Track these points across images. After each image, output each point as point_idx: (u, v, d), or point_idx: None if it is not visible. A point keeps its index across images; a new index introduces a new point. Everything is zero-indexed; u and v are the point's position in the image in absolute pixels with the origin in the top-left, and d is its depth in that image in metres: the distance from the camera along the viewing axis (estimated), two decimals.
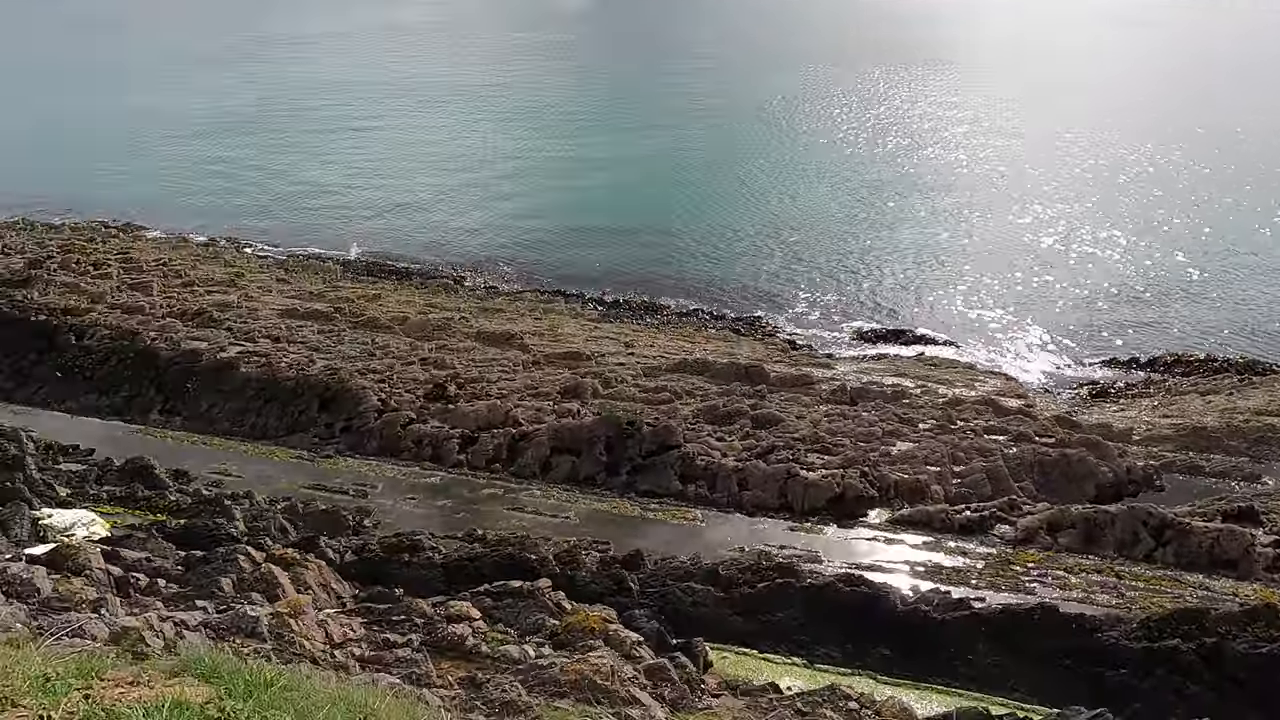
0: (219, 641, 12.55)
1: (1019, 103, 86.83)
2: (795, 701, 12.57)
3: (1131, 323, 45.78)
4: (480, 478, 27.56)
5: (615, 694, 11.91)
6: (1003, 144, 74.15)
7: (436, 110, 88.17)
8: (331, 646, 13.25)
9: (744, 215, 59.69)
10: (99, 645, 11.29)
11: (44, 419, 30.69)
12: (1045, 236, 55.93)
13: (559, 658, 12.99)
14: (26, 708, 5.38)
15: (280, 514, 24.29)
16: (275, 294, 44.29)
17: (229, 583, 15.62)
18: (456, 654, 13.42)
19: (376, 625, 14.79)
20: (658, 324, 45.07)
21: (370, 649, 13.26)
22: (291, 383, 30.35)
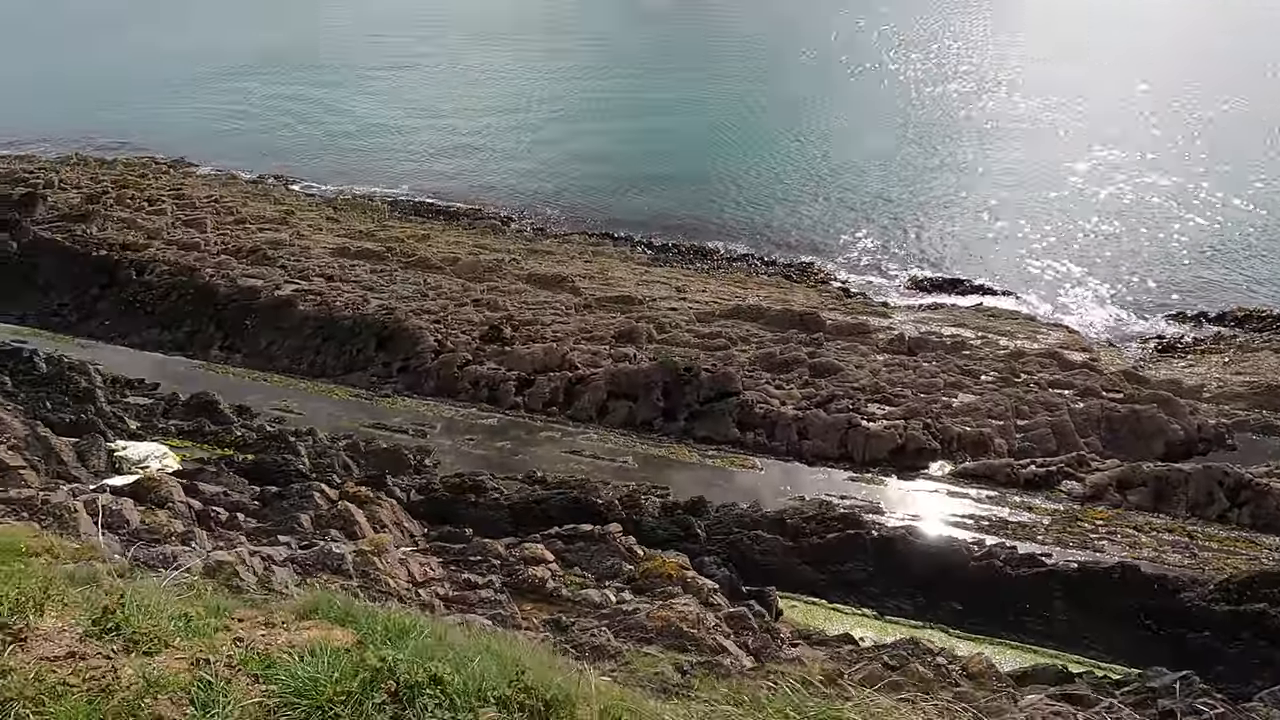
0: (305, 577, 12.68)
1: (1080, 49, 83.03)
2: (881, 654, 12.41)
3: (1197, 276, 44.12)
4: (537, 420, 27.57)
5: (702, 641, 11.85)
6: (1061, 89, 71.08)
7: (490, 48, 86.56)
8: (415, 585, 13.35)
9: (794, 161, 58.25)
10: (195, 578, 11.45)
11: (107, 352, 31.24)
12: (1105, 186, 53.82)
13: (641, 603, 12.96)
14: (180, 649, 5.29)
15: (343, 451, 24.58)
16: (326, 232, 44.29)
17: (308, 519, 15.79)
18: (537, 596, 13.46)
19: (454, 565, 14.88)
20: (708, 269, 44.37)
21: (453, 589, 13.33)
22: (349, 322, 30.42)
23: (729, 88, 73.38)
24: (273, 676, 4.94)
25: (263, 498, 17.56)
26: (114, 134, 63.56)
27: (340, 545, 13.47)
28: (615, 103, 69.51)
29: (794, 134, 62.87)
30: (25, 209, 40.30)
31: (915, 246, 47.70)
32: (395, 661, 4.92)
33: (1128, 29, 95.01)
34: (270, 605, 6.98)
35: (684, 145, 61.08)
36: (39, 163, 54.30)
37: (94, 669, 4.83)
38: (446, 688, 4.85)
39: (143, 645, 5.32)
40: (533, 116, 66.30)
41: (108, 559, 11.51)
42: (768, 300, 37.63)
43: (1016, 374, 30.42)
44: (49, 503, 14.43)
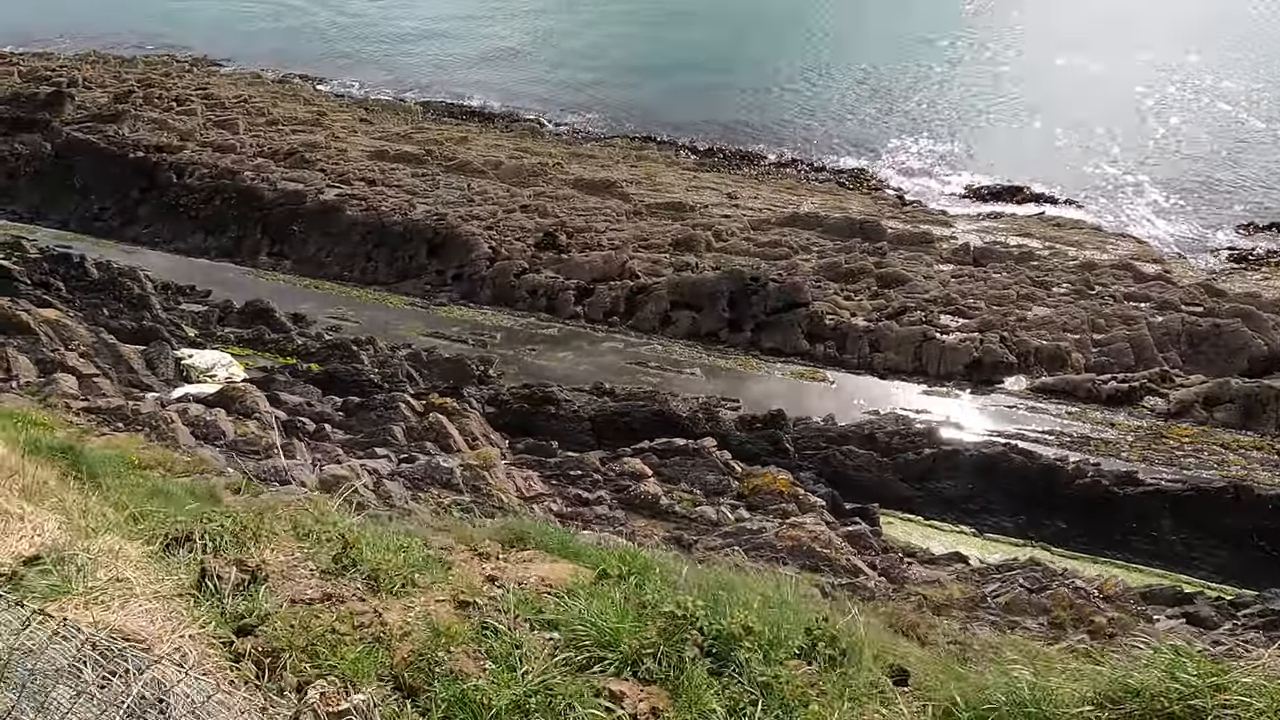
0: (415, 492, 12.25)
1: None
2: (1016, 577, 11.97)
3: (1265, 181, 42.17)
4: (598, 330, 26.91)
5: (835, 561, 11.42)
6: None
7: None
8: (525, 500, 12.93)
9: (840, 62, 55.48)
10: (313, 493, 11.01)
11: (153, 258, 30.55)
12: (1165, 85, 51.07)
13: (762, 521, 12.51)
14: (429, 589, 4.72)
15: (405, 361, 24.06)
16: (361, 134, 42.77)
17: (399, 430, 15.32)
18: (651, 512, 13.04)
19: (554, 479, 14.45)
20: (756, 175, 42.75)
21: (565, 505, 12.91)
22: (400, 228, 29.48)
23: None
24: (554, 623, 4.36)
25: (346, 408, 17.11)
26: (131, 31, 61.15)
27: (447, 459, 13.02)
28: (652, 4, 66.02)
29: (841, 34, 59.69)
30: (54, 108, 38.95)
31: (969, 152, 45.72)
32: (694, 608, 4.31)
33: None
34: (469, 532, 6.43)
35: (725, 49, 58.24)
36: (58, 60, 52.43)
37: (358, 614, 4.25)
38: (759, 639, 4.25)
39: (386, 584, 4.74)
40: (566, 21, 63.00)
41: (221, 472, 11.06)
42: (824, 208, 36.27)
43: (1091, 286, 29.32)
44: (140, 412, 13.99)
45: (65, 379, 15.35)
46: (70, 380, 15.43)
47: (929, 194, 41.64)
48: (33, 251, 28.19)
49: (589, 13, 64.95)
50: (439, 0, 68.46)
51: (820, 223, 34.12)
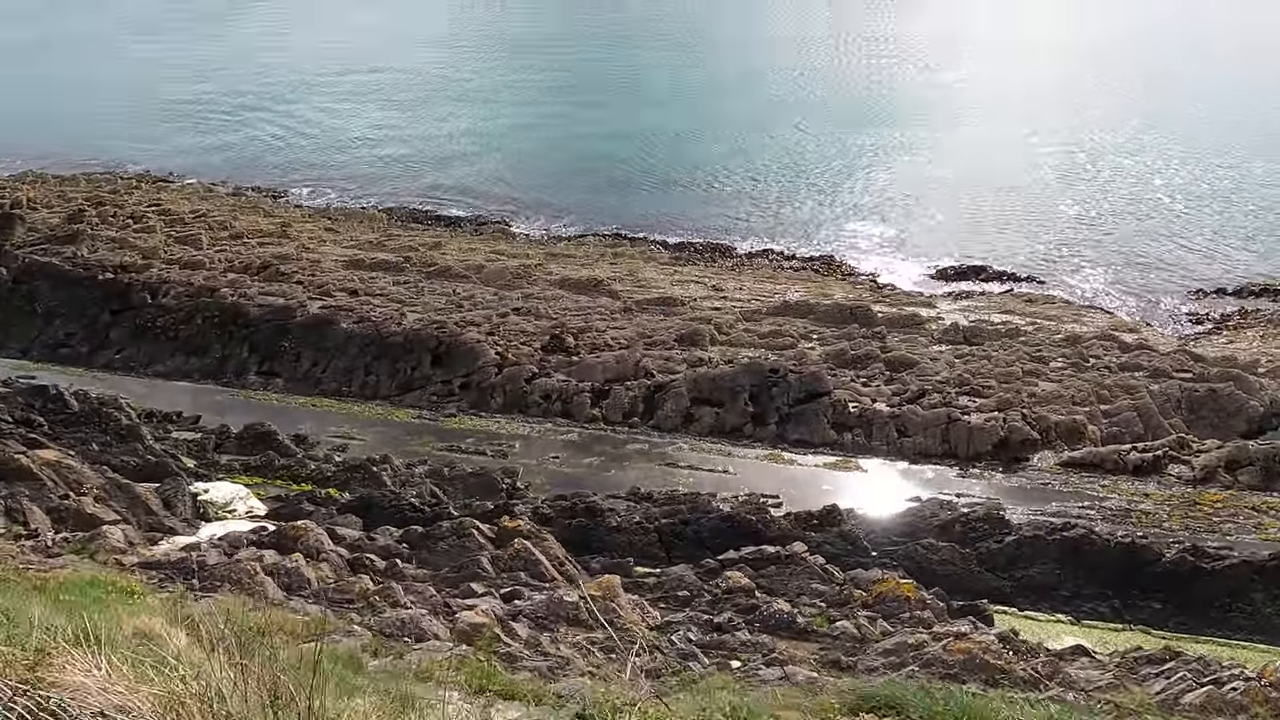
0: (541, 631, 11.23)
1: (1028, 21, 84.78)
2: (1180, 669, 11.54)
3: (1200, 251, 45.01)
4: (619, 432, 26.19)
5: (1011, 672, 10.79)
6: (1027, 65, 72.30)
7: (459, 56, 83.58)
8: (657, 631, 11.97)
9: (789, 156, 57.63)
10: (455, 646, 9.93)
11: (131, 384, 28.65)
12: (1100, 168, 54.68)
13: (920, 635, 11.82)
14: None
15: (428, 479, 22.80)
16: (331, 244, 41.91)
17: (486, 560, 14.20)
18: (790, 634, 12.22)
19: (663, 603, 13.53)
20: (733, 266, 43.43)
21: (700, 632, 11.99)
22: (399, 338, 28.50)
23: (714, 81, 72.60)
24: None
25: (408, 539, 15.82)
26: (61, 150, 59.33)
27: (569, 592, 11.99)
28: (597, 105, 67.95)
29: (783, 128, 62.33)
30: (3, 232, 36.99)
31: (927, 234, 47.54)
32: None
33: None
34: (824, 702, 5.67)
35: (676, 143, 60.04)
36: None
37: None
38: None
39: None
40: (500, 123, 64.03)
41: (349, 631, 9.89)
42: (809, 295, 36.85)
43: (1085, 358, 30.22)
44: (207, 563, 12.59)
45: (112, 532, 13.74)
46: (117, 533, 13.83)
47: (899, 276, 42.91)
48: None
49: (514, 114, 66.06)
50: (373, 107, 68.89)
51: (811, 310, 34.57)
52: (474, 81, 73.45)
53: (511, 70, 75.63)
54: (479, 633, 10.09)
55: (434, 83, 73.52)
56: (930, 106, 64.83)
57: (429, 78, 74.91)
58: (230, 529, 18.09)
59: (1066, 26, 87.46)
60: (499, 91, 70.30)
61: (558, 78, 73.39)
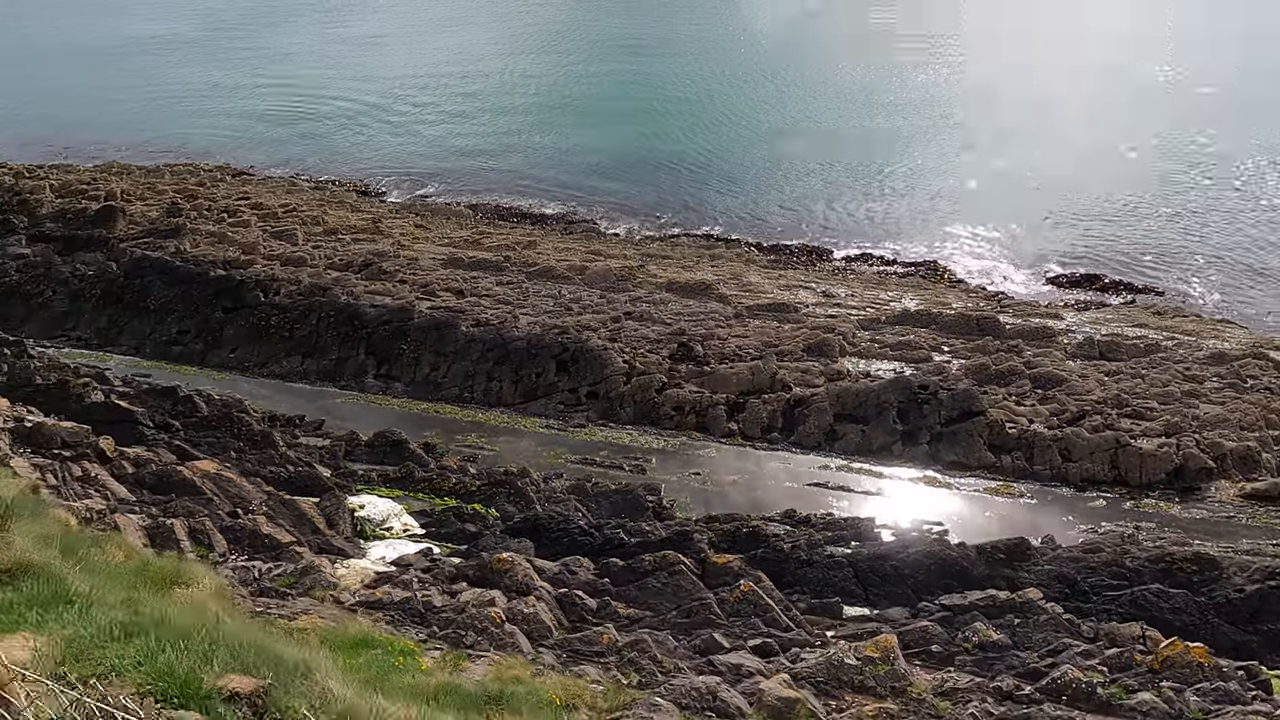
0: (826, 698, 9.99)
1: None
2: None
3: None
4: (759, 447, 24.93)
5: None
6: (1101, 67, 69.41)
7: (543, 58, 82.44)
8: (941, 695, 10.69)
9: (877, 156, 55.69)
10: None
11: (247, 385, 27.97)
12: (1192, 169, 52.13)
13: (1226, 707, 10.43)
14: None
15: (572, 496, 21.72)
16: (425, 241, 41.12)
17: (715, 602, 13.00)
18: (1090, 706, 10.86)
19: (919, 659, 12.23)
20: (833, 270, 41.97)
21: (993, 700, 10.69)
22: (522, 343, 27.48)
23: (797, 81, 70.91)
24: None
25: (607, 573, 14.70)
26: (140, 141, 59.56)
27: (843, 652, 10.76)
28: (679, 104, 66.53)
29: (869, 127, 60.46)
30: (106, 225, 36.64)
31: (1028, 241, 45.53)
32: None
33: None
34: None
35: (759, 142, 58.48)
36: (82, 172, 50.21)
37: None
38: None
39: None
40: (596, 121, 62.70)
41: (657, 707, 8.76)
42: (926, 304, 35.28)
43: (1242, 378, 28.36)
44: (435, 607, 11.56)
45: (323, 564, 12.77)
46: (324, 563, 12.86)
47: (1010, 284, 41.13)
48: (117, 382, 25.48)
49: (596, 113, 64.75)
50: (455, 105, 68.08)
51: (934, 320, 33.02)
52: (557, 82, 72.43)
53: (594, 72, 74.41)
54: (792, 710, 8.90)
55: (516, 83, 72.53)
56: (1024, 106, 62.48)
57: (510, 78, 74.01)
58: (396, 549, 17.16)
59: (1169, 21, 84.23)
60: (582, 92, 69.19)
61: (639, 78, 72.16)
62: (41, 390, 21.17)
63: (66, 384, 21.24)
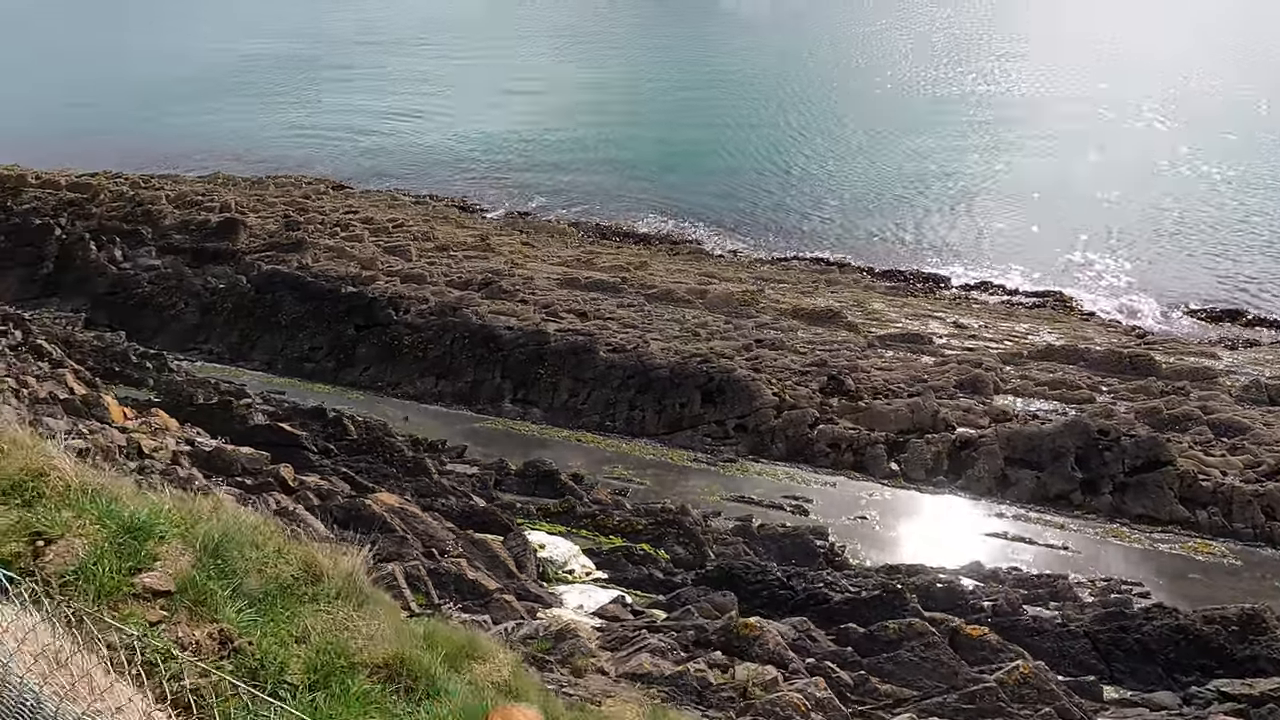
0: None
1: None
2: None
3: None
4: (924, 490, 23.52)
5: None
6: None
7: (642, 75, 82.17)
8: None
9: (991, 178, 53.84)
10: None
11: (382, 406, 27.44)
12: None
13: None
14: None
15: (741, 540, 20.57)
16: (536, 260, 40.55)
17: (996, 685, 11.70)
18: None
19: None
20: (954, 299, 40.30)
21: None
22: (664, 371, 26.49)
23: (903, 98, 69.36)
24: None
25: (847, 639, 13.50)
26: (240, 152, 60.50)
27: None
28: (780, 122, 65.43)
29: (979, 147, 58.58)
30: (229, 237, 36.76)
31: (1157, 270, 43.30)
32: None
33: None
34: None
35: (863, 160, 57.02)
36: (189, 182, 50.95)
37: None
38: None
39: None
40: (695, 137, 61.91)
41: None
42: (1067, 338, 33.50)
43: None
44: (711, 684, 10.46)
45: (579, 629, 11.75)
46: (586, 629, 11.88)
47: (1145, 319, 39.04)
48: (256, 399, 25.12)
49: (696, 130, 63.91)
50: (551, 121, 67.89)
51: (1080, 356, 31.25)
52: (650, 97, 71.96)
53: (694, 88, 73.69)
54: None
55: (608, 99, 72.14)
56: (1142, 130, 60.05)
57: (602, 94, 73.70)
58: (591, 596, 16.19)
59: None
60: (675, 108, 68.52)
61: (740, 94, 71.26)
62: (204, 410, 20.74)
63: (229, 404, 20.81)
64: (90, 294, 31.98)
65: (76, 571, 5.74)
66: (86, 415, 18.68)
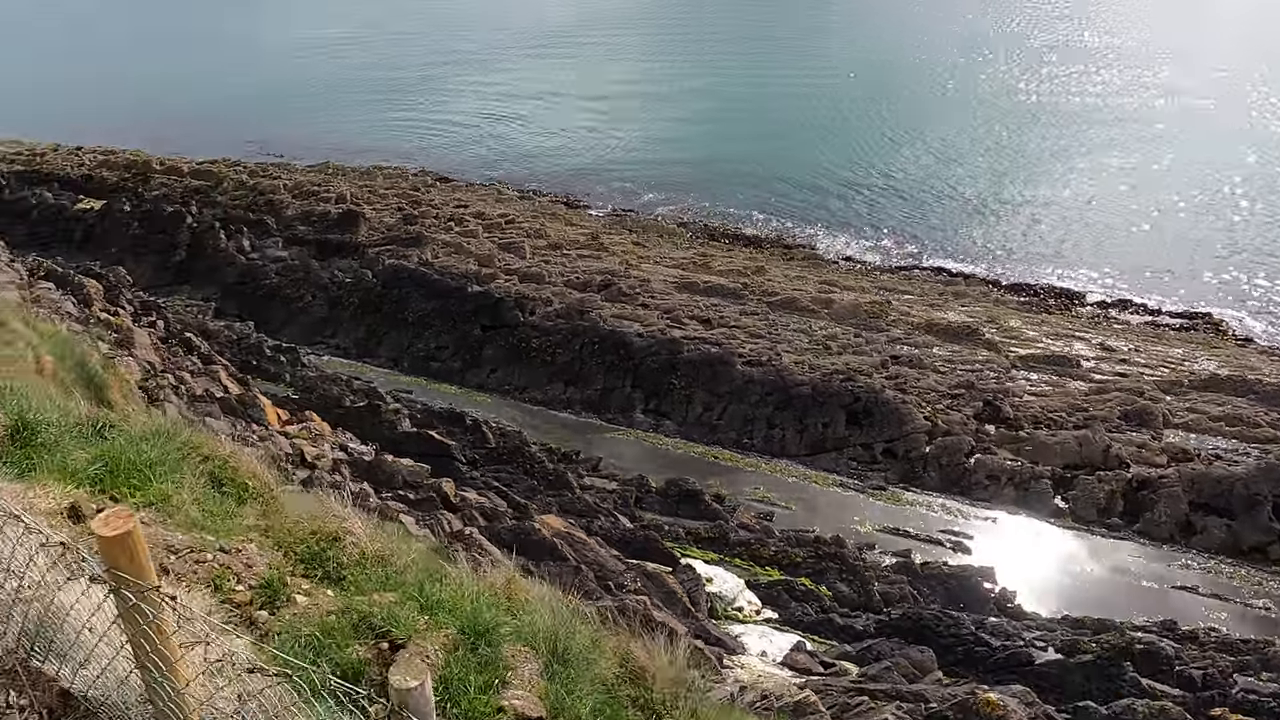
0: None
1: None
2: None
3: None
4: (1095, 533, 21.71)
5: None
6: None
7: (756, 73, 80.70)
8: None
9: (1125, 188, 50.71)
10: None
11: (510, 410, 26.85)
12: None
13: None
14: None
15: (905, 578, 19.19)
16: (650, 262, 39.58)
17: None
18: None
19: None
20: (1092, 318, 37.84)
21: None
22: (806, 389, 25.19)
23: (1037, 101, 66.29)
24: None
25: (1082, 711, 12.11)
26: (344, 141, 61.06)
27: None
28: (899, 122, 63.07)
29: (1117, 155, 55.25)
30: (350, 229, 36.77)
31: None
32: None
33: None
34: None
35: (985, 164, 54.42)
36: (300, 171, 51.54)
37: None
38: None
39: None
40: (806, 138, 60.03)
41: None
42: (1230, 367, 30.94)
43: None
44: None
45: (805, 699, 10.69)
46: (753, 661, 10.82)
47: None
48: (388, 399, 24.70)
49: (808, 129, 62.08)
50: (650, 118, 66.90)
51: (1250, 389, 28.73)
52: (760, 95, 70.25)
53: (809, 88, 71.73)
54: None
55: (716, 97, 70.76)
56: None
57: (709, 92, 72.39)
58: (771, 641, 15.08)
59: None
60: (786, 106, 66.73)
61: (856, 94, 69.06)
62: (352, 413, 20.32)
63: (377, 409, 20.35)
64: (220, 283, 32.25)
65: (439, 687, 4.84)
66: (242, 415, 18.38)
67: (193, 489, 7.22)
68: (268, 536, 6.79)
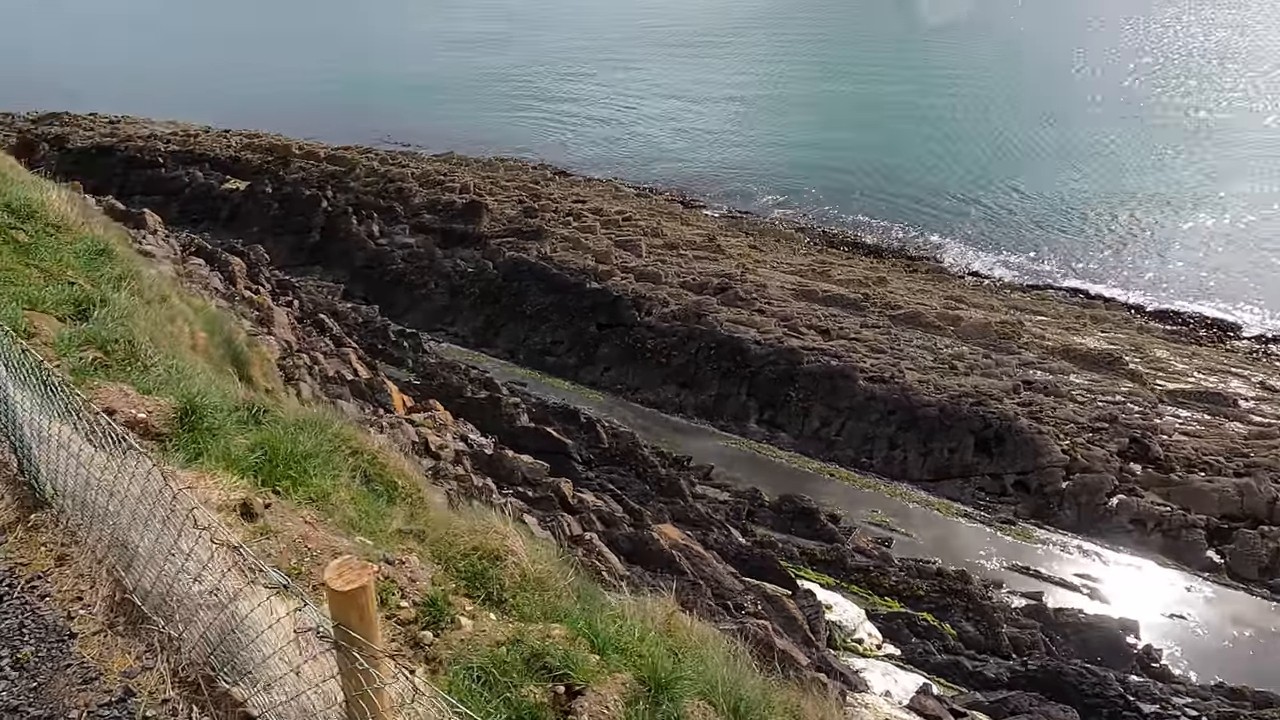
0: None
1: None
2: None
3: None
4: (1255, 592, 19.75)
5: None
6: None
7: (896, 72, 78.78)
8: None
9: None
10: None
11: (622, 410, 26.66)
12: None
13: None
14: None
15: (1034, 620, 17.88)
16: (767, 267, 38.73)
17: None
18: None
19: None
20: (1249, 352, 34.77)
21: None
22: (933, 410, 23.95)
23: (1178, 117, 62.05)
24: None
25: None
26: (466, 135, 62.35)
27: None
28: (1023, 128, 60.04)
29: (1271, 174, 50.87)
30: (472, 220, 37.46)
31: None
32: None
33: None
34: None
35: (1121, 180, 51.00)
36: (425, 160, 52.96)
37: None
38: None
39: None
40: (931, 148, 57.75)
41: None
42: None
43: None
44: None
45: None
46: (878, 701, 10.13)
47: None
48: (503, 391, 24.86)
49: (934, 138, 59.64)
50: (777, 119, 65.74)
51: None
52: (888, 100, 68.20)
53: (922, 93, 69.37)
54: None
55: (837, 103, 69.09)
56: None
57: (829, 97, 70.79)
58: (895, 680, 14.23)
59: None
60: (909, 114, 64.51)
61: (978, 102, 66.28)
62: (473, 404, 20.49)
63: (498, 401, 20.46)
64: (350, 266, 33.36)
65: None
66: (370, 399, 18.76)
67: (349, 487, 7.12)
68: (423, 543, 6.59)
